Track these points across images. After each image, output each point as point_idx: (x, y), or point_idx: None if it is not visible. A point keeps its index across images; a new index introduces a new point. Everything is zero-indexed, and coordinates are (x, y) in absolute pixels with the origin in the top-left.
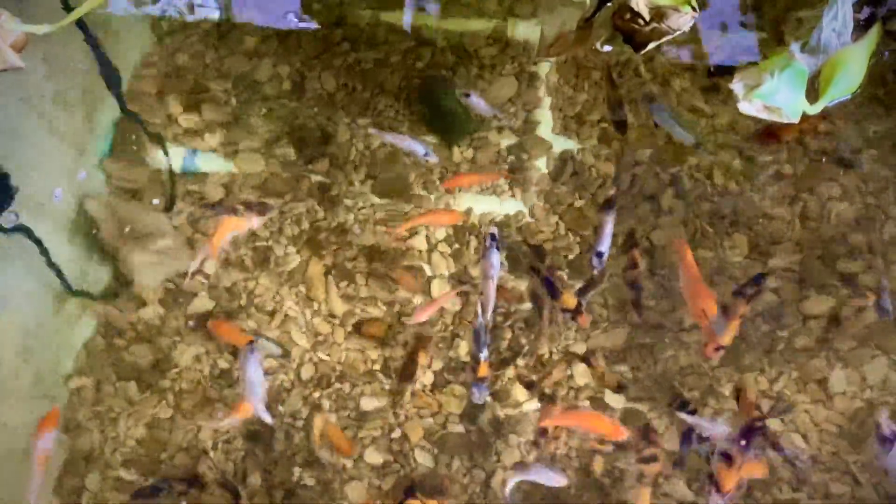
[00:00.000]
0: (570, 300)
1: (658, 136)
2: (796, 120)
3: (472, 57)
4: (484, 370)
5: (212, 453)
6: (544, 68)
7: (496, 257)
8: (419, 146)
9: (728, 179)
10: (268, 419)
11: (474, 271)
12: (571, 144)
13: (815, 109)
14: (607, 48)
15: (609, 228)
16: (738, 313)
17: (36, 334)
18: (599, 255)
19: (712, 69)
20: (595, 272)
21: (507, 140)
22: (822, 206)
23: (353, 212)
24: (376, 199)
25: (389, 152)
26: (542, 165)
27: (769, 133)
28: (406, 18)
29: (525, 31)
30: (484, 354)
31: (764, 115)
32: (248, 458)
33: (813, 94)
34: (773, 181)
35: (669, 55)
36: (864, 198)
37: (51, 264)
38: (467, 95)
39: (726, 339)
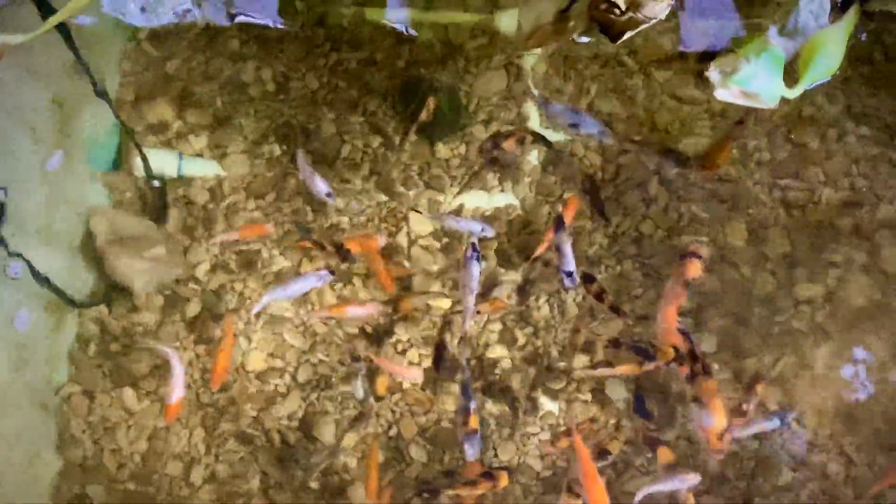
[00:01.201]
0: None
1: (645, 122)
2: (775, 105)
3: (459, 51)
4: (475, 422)
5: (203, 458)
6: (530, 60)
7: (476, 269)
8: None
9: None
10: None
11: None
12: (561, 136)
13: (793, 93)
14: (584, 39)
15: (567, 247)
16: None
17: (28, 345)
18: (569, 274)
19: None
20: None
21: None
22: (809, 191)
23: (345, 213)
24: (378, 198)
25: (382, 152)
26: (533, 158)
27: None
28: (389, 15)
29: (509, 22)
30: (473, 405)
31: (742, 101)
32: (247, 461)
33: (792, 77)
34: (759, 167)
35: (655, 43)
36: (852, 180)
37: (35, 275)
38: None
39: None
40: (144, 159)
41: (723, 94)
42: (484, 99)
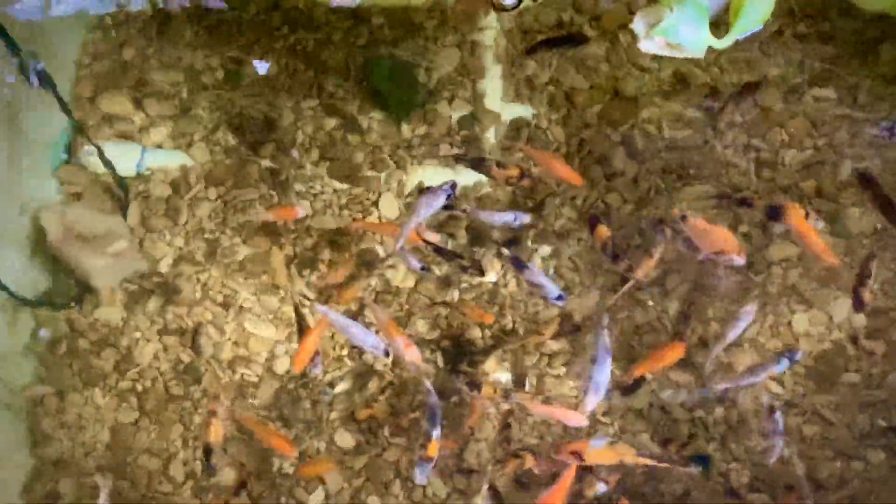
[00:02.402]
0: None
1: (605, 91)
2: (701, 55)
3: (417, 30)
4: (434, 450)
5: (181, 452)
6: (490, 35)
7: (438, 203)
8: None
9: (681, 129)
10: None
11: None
12: (523, 110)
13: (723, 43)
14: (510, 2)
15: (537, 272)
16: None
17: None
18: (560, 298)
19: None
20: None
21: (458, 111)
22: (774, 154)
23: (307, 197)
24: (336, 184)
25: (341, 134)
26: (491, 135)
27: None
28: None
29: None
30: (436, 433)
31: (667, 53)
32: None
33: (724, 28)
34: (727, 130)
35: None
36: (814, 141)
37: None
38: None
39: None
40: (100, 152)
41: (647, 46)
42: (443, 76)
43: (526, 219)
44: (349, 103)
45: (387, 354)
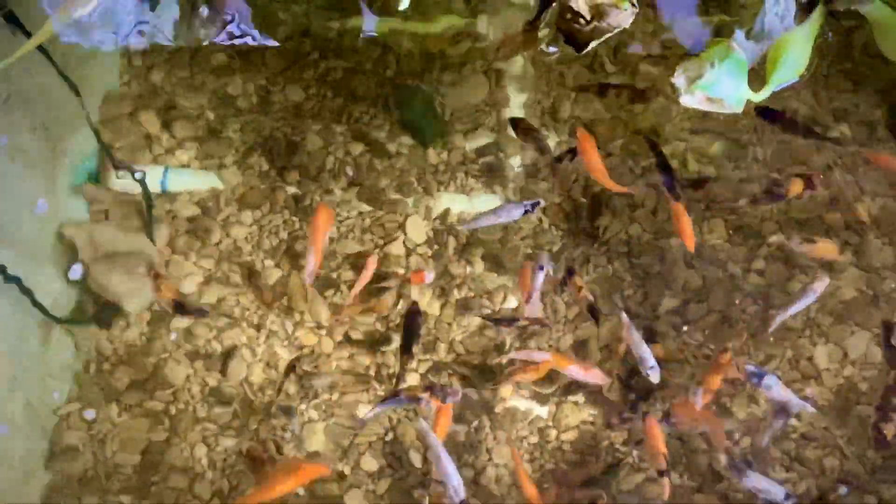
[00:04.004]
0: None
1: (629, 125)
2: (740, 110)
3: (439, 58)
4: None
5: (209, 473)
6: (517, 65)
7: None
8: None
9: (704, 165)
10: None
11: (456, 269)
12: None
13: (760, 96)
14: (552, 49)
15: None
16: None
17: (23, 364)
18: (653, 367)
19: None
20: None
21: (481, 140)
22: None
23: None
24: (362, 207)
25: (368, 160)
26: (515, 163)
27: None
28: (369, 25)
29: (486, 28)
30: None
31: (707, 107)
32: (242, 474)
33: (760, 80)
34: (748, 164)
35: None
36: (836, 176)
37: (25, 291)
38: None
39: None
40: (132, 171)
41: (688, 101)
42: (466, 105)
43: (515, 213)
44: (377, 129)
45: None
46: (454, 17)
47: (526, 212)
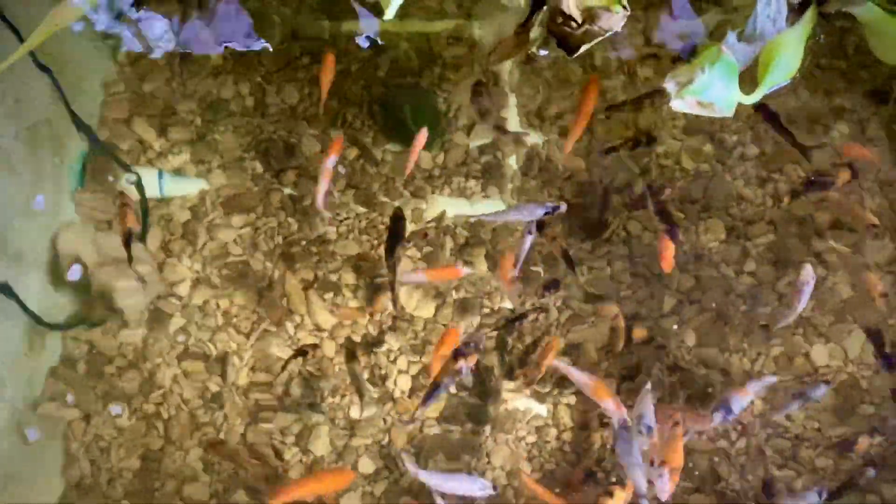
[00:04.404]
0: None
1: (627, 125)
2: (731, 113)
3: (436, 59)
4: None
5: (202, 476)
6: (506, 66)
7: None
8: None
9: (700, 163)
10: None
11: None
12: (536, 139)
13: (752, 99)
14: (543, 52)
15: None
16: None
17: (12, 368)
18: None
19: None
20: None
21: (477, 140)
22: (791, 186)
23: (332, 223)
24: (359, 209)
25: (361, 164)
26: (513, 162)
27: None
28: (363, 26)
29: (478, 31)
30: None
31: (698, 111)
32: (233, 477)
33: (752, 82)
34: (741, 162)
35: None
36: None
37: (15, 300)
38: None
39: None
40: (137, 182)
41: (679, 105)
42: (463, 106)
43: (537, 212)
44: (365, 135)
45: (495, 489)
46: (447, 20)
47: (546, 214)
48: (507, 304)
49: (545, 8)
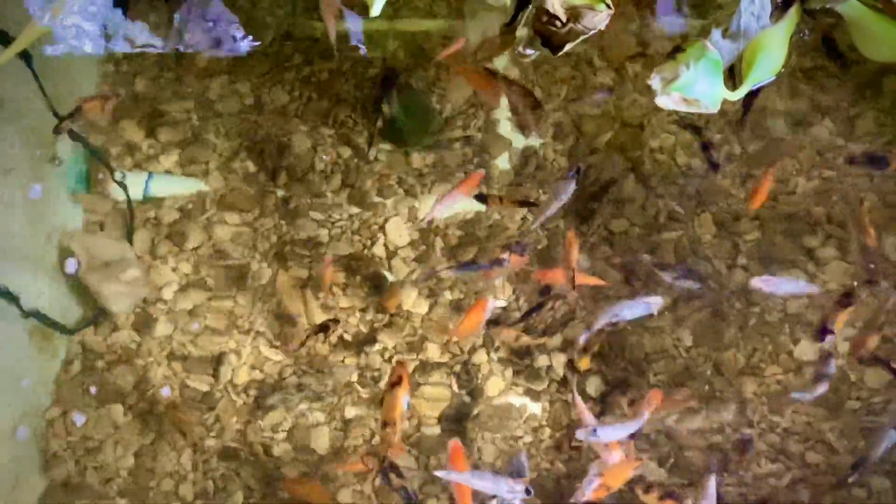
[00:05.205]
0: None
1: (616, 120)
2: (716, 109)
3: (428, 59)
4: None
5: (191, 474)
6: (501, 64)
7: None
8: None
9: (692, 157)
10: None
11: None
12: (532, 140)
13: (736, 95)
14: (529, 51)
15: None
16: None
17: (14, 371)
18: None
19: None
20: None
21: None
22: (779, 182)
23: (325, 225)
24: (352, 209)
25: (355, 163)
26: (503, 163)
27: None
28: (353, 26)
29: (465, 31)
30: None
31: (683, 108)
32: (228, 477)
33: (736, 79)
34: (727, 161)
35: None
36: (820, 170)
37: (11, 299)
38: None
39: None
40: (121, 182)
41: (664, 101)
42: (454, 106)
43: (570, 187)
44: (358, 134)
45: (528, 493)
46: (435, 20)
47: (575, 180)
48: (501, 303)
49: (530, 7)
